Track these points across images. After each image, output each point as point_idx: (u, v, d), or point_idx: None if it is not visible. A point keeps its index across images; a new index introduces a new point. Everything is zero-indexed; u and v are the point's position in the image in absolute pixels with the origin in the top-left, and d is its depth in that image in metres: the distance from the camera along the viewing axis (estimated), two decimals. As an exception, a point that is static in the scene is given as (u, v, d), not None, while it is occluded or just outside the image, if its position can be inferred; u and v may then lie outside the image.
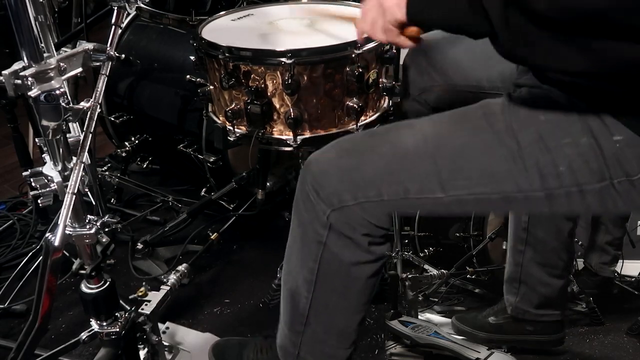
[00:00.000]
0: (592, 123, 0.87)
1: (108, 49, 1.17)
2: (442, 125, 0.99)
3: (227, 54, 1.30)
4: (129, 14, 2.11)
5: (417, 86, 1.39)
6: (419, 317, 1.70)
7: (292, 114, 1.31)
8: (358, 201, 0.96)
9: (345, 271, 1.04)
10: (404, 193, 0.95)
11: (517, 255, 1.54)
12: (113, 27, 1.31)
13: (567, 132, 0.88)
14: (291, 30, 1.44)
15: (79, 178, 1.04)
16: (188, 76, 1.80)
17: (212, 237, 1.85)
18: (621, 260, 2.12)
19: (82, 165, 1.06)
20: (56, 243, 1.02)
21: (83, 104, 1.05)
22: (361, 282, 1.05)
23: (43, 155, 1.10)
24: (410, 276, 1.69)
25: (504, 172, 0.90)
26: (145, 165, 2.27)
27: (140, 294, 1.42)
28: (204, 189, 2.07)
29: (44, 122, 0.99)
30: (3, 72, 0.95)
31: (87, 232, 1.08)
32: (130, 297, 1.43)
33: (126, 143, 2.15)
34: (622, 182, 0.87)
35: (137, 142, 2.15)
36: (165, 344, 1.49)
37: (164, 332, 1.57)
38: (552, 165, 0.88)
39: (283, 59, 1.26)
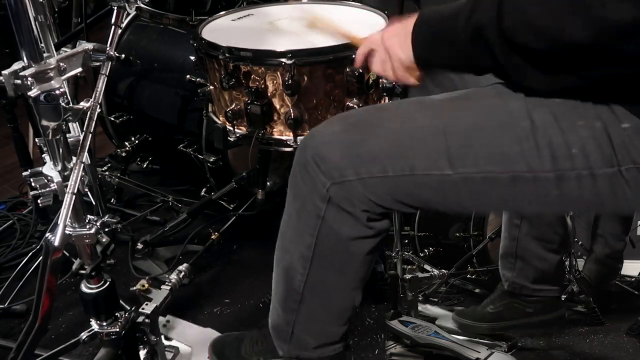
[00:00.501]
0: (601, 110, 0.87)
1: (108, 49, 1.17)
2: (453, 102, 0.98)
3: (227, 54, 1.30)
4: (129, 14, 2.11)
5: (415, 95, 1.39)
6: (419, 308, 1.69)
7: (292, 114, 1.31)
8: (360, 176, 0.95)
9: (344, 246, 1.02)
10: (410, 169, 0.93)
11: (512, 230, 1.53)
12: (113, 27, 1.31)
13: (582, 114, 0.87)
14: (291, 31, 1.44)
15: (79, 178, 1.04)
16: (188, 76, 1.80)
17: (212, 237, 1.85)
18: (622, 262, 2.13)
19: (82, 165, 1.05)
20: (56, 243, 1.02)
21: (83, 104, 1.05)
22: (359, 257, 1.04)
23: (43, 155, 1.10)
24: (410, 276, 1.69)
25: (515, 151, 0.89)
26: (145, 165, 2.27)
27: (141, 287, 1.42)
28: (204, 189, 2.07)
29: (44, 122, 0.99)
30: (3, 72, 0.95)
31: (87, 232, 1.08)
32: (131, 289, 1.42)
33: (126, 143, 2.15)
34: (630, 170, 0.86)
35: (137, 142, 2.14)
36: (166, 343, 1.48)
37: (164, 325, 1.57)
38: (565, 146, 0.87)
39: (283, 60, 1.26)
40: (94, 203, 1.53)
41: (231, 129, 1.39)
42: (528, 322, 1.60)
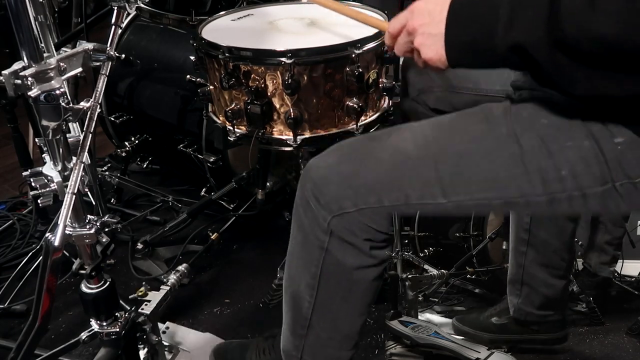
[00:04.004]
0: (593, 126, 0.86)
1: (108, 49, 1.17)
2: (443, 130, 0.98)
3: (227, 54, 1.30)
4: (129, 14, 2.11)
5: (416, 87, 1.39)
6: (419, 317, 1.70)
7: (292, 114, 1.31)
8: (358, 207, 0.96)
9: (348, 275, 1.03)
10: (405, 199, 0.94)
11: (518, 257, 1.54)
12: (113, 27, 1.31)
13: (570, 135, 0.87)
14: (291, 30, 1.44)
15: (79, 178, 1.04)
16: (188, 76, 1.80)
17: (212, 237, 1.85)
18: (621, 260, 2.12)
19: (82, 165, 1.05)
20: (56, 243, 1.02)
21: (83, 104, 1.05)
22: (364, 285, 1.05)
23: (43, 155, 1.10)
24: (410, 276, 1.69)
25: (506, 177, 0.90)
26: (145, 165, 2.27)
27: (140, 293, 1.42)
28: (204, 189, 2.07)
29: (44, 122, 0.99)
30: (3, 72, 0.95)
31: (87, 232, 1.08)
32: (130, 296, 1.43)
33: (126, 143, 2.15)
34: (624, 185, 0.86)
35: (137, 142, 2.15)
36: (166, 343, 1.49)
37: (164, 332, 1.57)
38: (555, 169, 0.87)
39: (283, 59, 1.26)
40: (94, 203, 1.53)
41: (231, 128, 1.39)
42: (531, 338, 1.61)
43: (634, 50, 0.72)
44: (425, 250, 2.01)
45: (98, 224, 1.10)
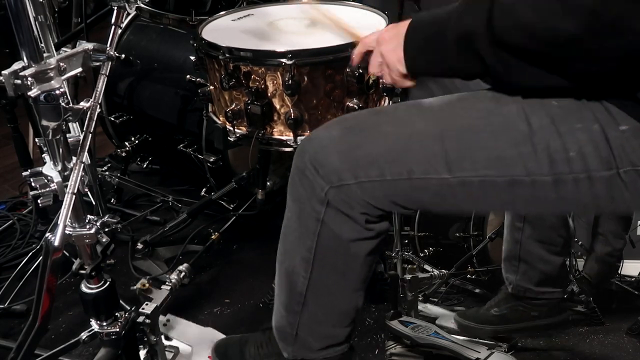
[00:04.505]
0: (599, 112, 0.87)
1: (108, 49, 1.17)
2: (451, 106, 0.98)
3: (227, 55, 1.30)
4: (129, 14, 2.11)
5: (416, 96, 1.39)
6: (420, 307, 1.69)
7: (292, 114, 1.31)
8: (358, 180, 0.95)
9: (344, 248, 1.02)
10: (408, 173, 0.93)
11: (515, 233, 1.53)
12: (113, 27, 1.30)
13: (579, 117, 0.88)
14: (291, 31, 1.44)
15: (79, 178, 1.04)
16: (188, 76, 1.80)
17: (212, 237, 1.85)
18: (621, 260, 2.13)
19: (82, 165, 1.05)
20: (56, 243, 1.02)
21: (83, 104, 1.05)
22: (360, 259, 1.04)
23: (43, 155, 1.10)
24: (410, 276, 1.69)
25: (513, 155, 0.89)
26: (145, 165, 2.27)
27: (141, 286, 1.42)
28: (204, 189, 2.07)
29: (44, 122, 0.99)
30: (3, 72, 0.95)
31: (87, 232, 1.08)
32: (132, 288, 1.42)
33: (126, 143, 2.15)
34: (628, 172, 0.86)
35: (137, 142, 2.15)
36: (166, 343, 1.48)
37: (164, 325, 1.57)
38: (563, 150, 0.87)
39: (283, 60, 1.26)
40: (94, 203, 1.53)
41: (231, 129, 1.39)
42: (533, 325, 1.60)
43: (554, 36, 0.78)
44: (425, 250, 2.01)
45: (98, 224, 1.10)
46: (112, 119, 2.12)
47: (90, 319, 1.19)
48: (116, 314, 1.19)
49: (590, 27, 0.75)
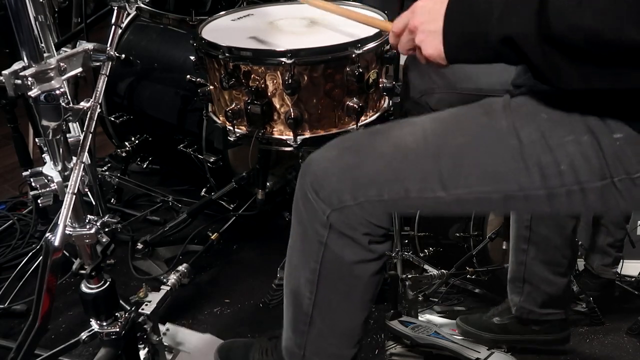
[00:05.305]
0: (592, 121, 0.87)
1: (108, 49, 1.17)
2: (444, 124, 0.98)
3: (227, 54, 1.30)
4: (129, 14, 2.11)
5: (418, 88, 1.39)
6: (419, 318, 1.70)
7: (292, 114, 1.31)
8: (358, 201, 0.96)
9: (348, 270, 1.03)
10: (405, 192, 0.94)
11: (520, 254, 1.53)
12: (113, 27, 1.30)
13: (569, 130, 0.88)
14: (291, 30, 1.44)
15: (79, 178, 1.04)
16: (188, 76, 1.80)
17: (212, 237, 1.85)
18: (621, 260, 2.12)
19: (82, 165, 1.05)
20: (56, 243, 1.02)
21: (83, 104, 1.05)
22: (364, 280, 1.05)
23: (43, 155, 1.10)
24: (410, 276, 1.69)
25: (505, 171, 0.90)
26: (145, 165, 2.27)
27: (141, 295, 1.42)
28: (204, 189, 2.07)
29: (44, 122, 0.99)
30: (3, 72, 0.95)
31: (87, 232, 1.08)
32: (131, 298, 1.42)
33: (126, 143, 2.15)
34: (623, 180, 0.86)
35: (137, 142, 2.15)
36: (166, 344, 1.48)
37: (164, 334, 1.57)
38: (554, 163, 0.88)
39: (283, 59, 1.26)
40: (94, 203, 1.53)
41: (231, 128, 1.39)
42: (532, 339, 1.60)
43: (617, 43, 0.74)
44: (425, 250, 2.01)
45: (98, 224, 1.10)
46: (112, 119, 2.12)
47: (90, 319, 1.19)
48: (116, 314, 1.19)
49: None
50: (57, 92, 0.96)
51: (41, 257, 1.03)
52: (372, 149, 0.99)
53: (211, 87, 1.44)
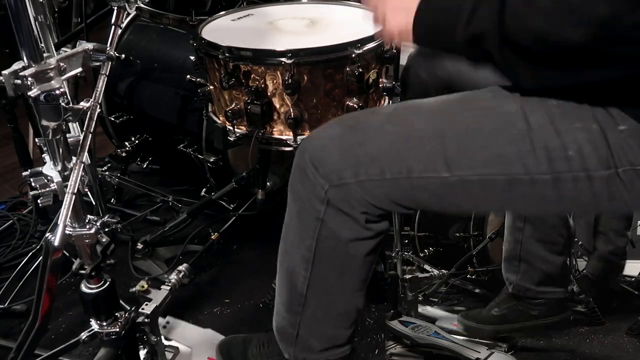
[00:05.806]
0: (599, 112, 0.87)
1: (108, 49, 1.17)
2: (450, 105, 0.98)
3: (227, 54, 1.30)
4: (129, 14, 2.11)
5: (418, 89, 1.39)
6: (419, 310, 1.69)
7: (292, 114, 1.31)
8: (359, 179, 0.95)
9: (343, 248, 1.02)
10: (407, 172, 0.93)
11: (516, 233, 1.53)
12: (113, 27, 1.31)
13: (578, 117, 0.88)
14: (291, 30, 1.44)
15: (79, 178, 1.04)
16: (188, 76, 1.80)
17: (212, 237, 1.85)
18: (625, 259, 2.12)
19: (82, 165, 1.06)
20: (56, 243, 1.02)
21: (83, 104, 1.05)
22: (359, 259, 1.04)
23: (43, 155, 1.10)
24: (410, 276, 1.69)
25: (512, 154, 0.89)
26: (145, 165, 2.27)
27: (140, 288, 1.42)
28: (204, 189, 2.07)
29: (44, 122, 0.99)
30: (3, 72, 0.95)
31: (87, 232, 1.08)
32: (131, 290, 1.42)
33: (126, 143, 2.15)
34: (627, 171, 0.87)
35: (137, 142, 2.15)
36: (166, 343, 1.48)
37: (164, 327, 1.57)
38: (562, 148, 0.87)
39: (283, 59, 1.26)
40: (94, 203, 1.53)
41: (231, 128, 1.39)
42: (533, 324, 1.60)
43: (562, 44, 0.78)
44: (425, 250, 2.01)
45: (98, 224, 1.10)
46: (112, 119, 2.12)
47: (90, 319, 1.19)
48: (116, 314, 1.19)
49: (599, 38, 0.75)
50: (57, 92, 0.96)
51: (41, 257, 1.03)
52: (376, 127, 0.98)
53: (211, 87, 1.44)
